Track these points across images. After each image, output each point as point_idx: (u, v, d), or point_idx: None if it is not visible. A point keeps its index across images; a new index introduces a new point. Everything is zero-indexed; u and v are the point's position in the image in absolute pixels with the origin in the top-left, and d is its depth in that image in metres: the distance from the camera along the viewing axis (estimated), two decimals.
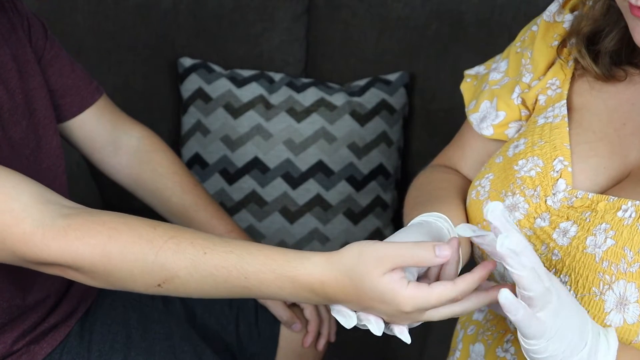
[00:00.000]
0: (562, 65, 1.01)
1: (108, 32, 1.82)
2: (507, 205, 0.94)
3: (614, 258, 0.85)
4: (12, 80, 1.12)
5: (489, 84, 1.08)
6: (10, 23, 1.15)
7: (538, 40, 1.03)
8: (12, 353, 1.14)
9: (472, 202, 0.98)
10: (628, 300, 0.83)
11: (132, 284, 0.90)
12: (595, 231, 0.87)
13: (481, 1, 1.81)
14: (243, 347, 1.37)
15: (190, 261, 0.86)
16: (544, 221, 0.91)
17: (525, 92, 1.03)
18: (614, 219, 0.86)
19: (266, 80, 1.83)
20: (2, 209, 0.89)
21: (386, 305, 0.81)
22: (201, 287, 0.87)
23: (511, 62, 1.07)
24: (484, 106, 1.07)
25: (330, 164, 1.79)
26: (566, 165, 0.92)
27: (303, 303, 1.33)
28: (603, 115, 0.96)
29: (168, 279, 0.87)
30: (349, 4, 1.86)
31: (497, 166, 0.98)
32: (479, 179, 0.99)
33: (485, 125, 1.06)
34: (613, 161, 0.93)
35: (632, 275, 0.83)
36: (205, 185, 1.80)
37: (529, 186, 0.93)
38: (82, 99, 1.28)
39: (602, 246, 0.86)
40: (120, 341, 1.21)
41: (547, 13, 1.04)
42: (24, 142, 1.13)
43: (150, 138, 1.37)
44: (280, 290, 0.85)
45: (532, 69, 1.03)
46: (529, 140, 0.97)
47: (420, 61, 1.86)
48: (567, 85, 0.99)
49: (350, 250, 0.82)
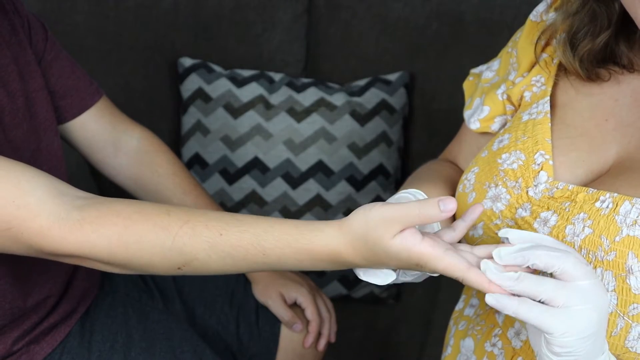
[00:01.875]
0: (546, 62, 1.03)
1: (108, 32, 1.82)
2: (490, 197, 0.97)
3: (591, 246, 0.87)
4: (13, 83, 1.12)
5: (481, 82, 1.12)
6: (11, 25, 1.15)
7: (522, 39, 1.06)
8: (12, 353, 1.14)
9: (459, 195, 1.01)
10: (606, 288, 0.85)
11: (153, 269, 0.91)
12: (574, 220, 0.89)
13: (481, 1, 1.81)
14: (243, 347, 1.37)
15: (207, 244, 0.87)
16: (525, 211, 0.94)
17: (510, 89, 1.06)
18: (591, 209, 0.89)
19: (266, 80, 1.83)
20: (18, 204, 0.90)
21: (404, 262, 0.82)
22: (221, 266, 0.89)
23: (502, 62, 1.11)
24: (476, 103, 1.11)
25: (330, 164, 1.79)
26: (547, 158, 0.95)
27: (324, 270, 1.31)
28: (585, 111, 0.98)
29: (187, 262, 0.88)
30: (349, 4, 1.86)
31: (482, 160, 1.01)
32: (466, 173, 1.02)
33: (473, 120, 1.10)
34: (592, 155, 0.95)
35: (609, 263, 0.85)
36: (205, 185, 1.80)
37: (511, 178, 0.96)
38: (82, 101, 1.28)
39: (580, 234, 0.88)
40: (121, 341, 1.22)
41: (534, 12, 1.07)
42: (25, 145, 1.13)
43: (149, 139, 1.37)
44: (299, 262, 0.86)
45: (517, 67, 1.06)
46: (512, 136, 1.00)
47: (420, 61, 1.86)
48: (551, 82, 1.02)
49: (356, 217, 0.83)
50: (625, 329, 0.85)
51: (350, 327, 1.73)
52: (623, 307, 0.85)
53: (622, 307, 0.85)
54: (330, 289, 1.77)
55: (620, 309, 0.85)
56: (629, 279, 0.84)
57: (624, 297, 0.85)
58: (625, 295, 0.85)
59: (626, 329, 0.85)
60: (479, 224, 0.98)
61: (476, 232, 0.99)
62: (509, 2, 1.80)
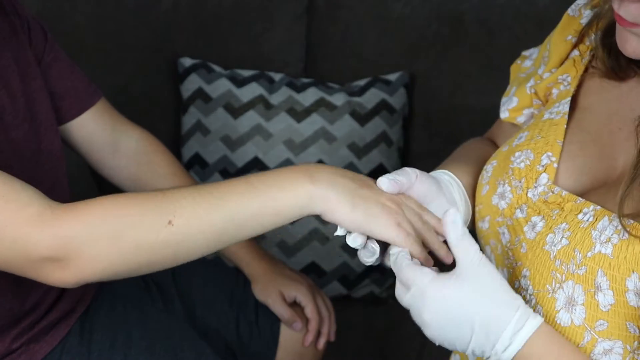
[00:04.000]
0: (575, 61, 1.02)
1: (108, 32, 1.82)
2: (499, 193, 0.97)
3: (565, 258, 0.87)
4: (14, 84, 1.12)
5: (520, 71, 1.12)
6: (11, 26, 1.16)
7: (556, 33, 1.05)
8: (11, 352, 1.14)
9: (478, 184, 1.03)
10: (576, 301, 0.85)
11: (143, 234, 0.89)
12: (556, 229, 0.89)
13: (481, 1, 1.82)
14: (243, 346, 1.37)
15: (193, 194, 0.89)
16: (522, 213, 0.94)
17: (537, 84, 1.05)
18: (573, 220, 0.88)
19: (266, 80, 1.84)
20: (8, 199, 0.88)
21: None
22: (210, 215, 0.88)
23: (539, 53, 1.10)
24: (512, 91, 1.11)
25: (330, 164, 1.79)
26: (553, 161, 0.95)
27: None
28: (603, 117, 0.97)
29: (176, 209, 0.87)
30: (349, 4, 1.86)
31: (501, 155, 1.01)
32: (487, 164, 1.03)
33: (504, 109, 1.10)
34: (600, 163, 0.94)
35: (579, 277, 0.85)
36: None
37: (517, 177, 0.96)
38: (81, 101, 1.28)
39: (558, 245, 0.88)
40: (120, 340, 1.22)
41: (573, 6, 1.05)
42: (26, 145, 1.13)
43: (148, 140, 1.37)
44: (291, 208, 0.90)
45: (547, 61, 1.05)
46: (529, 134, 0.99)
47: (420, 61, 1.86)
48: (575, 83, 1.01)
49: None
50: (592, 343, 0.85)
51: (350, 326, 1.72)
52: (591, 321, 0.85)
53: (590, 322, 0.85)
54: (330, 288, 1.77)
55: (588, 323, 0.85)
56: (597, 296, 0.84)
57: (592, 312, 0.85)
58: (594, 311, 0.84)
59: (592, 343, 0.85)
60: (486, 217, 0.99)
61: (484, 225, 0.99)
62: (509, 2, 1.80)
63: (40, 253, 0.88)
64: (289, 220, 0.90)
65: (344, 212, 0.89)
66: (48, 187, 1.13)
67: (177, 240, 0.88)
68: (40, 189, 0.95)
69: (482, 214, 0.99)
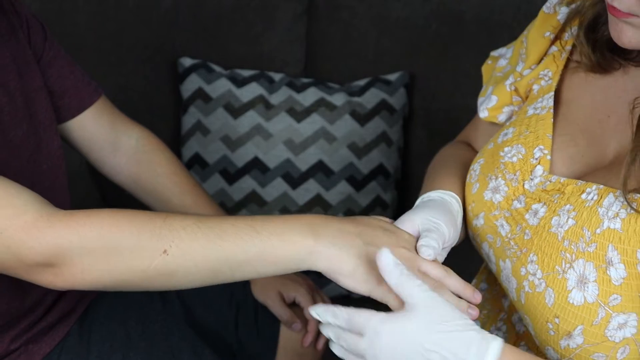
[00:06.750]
0: (555, 56, 1.04)
1: (108, 32, 1.82)
2: (491, 188, 0.99)
3: (573, 237, 0.89)
4: (12, 82, 1.12)
5: (495, 70, 1.14)
6: (10, 24, 1.15)
7: (533, 30, 1.07)
8: (10, 352, 1.14)
9: (466, 185, 1.05)
10: (587, 279, 0.87)
11: (135, 258, 0.87)
12: (560, 212, 0.91)
13: (481, 1, 1.82)
14: (243, 347, 1.37)
15: (193, 227, 0.87)
16: (520, 203, 0.97)
17: (517, 81, 1.07)
18: (577, 200, 0.91)
19: (266, 80, 1.84)
20: (3, 204, 0.89)
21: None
22: (206, 246, 0.87)
23: (514, 51, 1.12)
24: (489, 91, 1.13)
25: (330, 164, 1.79)
26: (546, 153, 0.97)
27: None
28: (588, 108, 0.99)
29: (174, 238, 0.86)
30: (349, 4, 1.86)
31: (487, 152, 1.04)
32: (473, 164, 1.05)
33: (483, 108, 1.12)
34: (591, 151, 0.97)
35: (589, 254, 0.88)
36: (205, 186, 1.80)
37: (510, 171, 0.98)
38: (81, 100, 1.28)
39: (564, 225, 0.90)
40: (119, 341, 1.22)
41: (547, 4, 1.08)
42: (25, 144, 1.13)
43: (148, 138, 1.37)
44: (290, 260, 0.88)
45: (525, 58, 1.07)
46: (516, 130, 1.02)
47: (420, 61, 1.86)
48: (557, 77, 1.03)
49: None
50: (606, 319, 0.87)
51: None
52: (604, 297, 0.87)
53: (603, 298, 0.87)
54: (330, 289, 1.77)
55: (602, 299, 0.87)
56: (609, 271, 0.86)
57: (604, 287, 0.87)
58: (606, 286, 0.87)
59: (606, 319, 0.87)
60: (480, 214, 1.00)
61: (478, 222, 1.01)
62: (509, 2, 1.80)
63: (33, 259, 0.88)
64: (286, 271, 0.88)
65: (345, 274, 0.87)
66: (47, 187, 1.13)
67: (169, 270, 0.87)
68: (39, 189, 0.95)
69: (476, 211, 1.01)
